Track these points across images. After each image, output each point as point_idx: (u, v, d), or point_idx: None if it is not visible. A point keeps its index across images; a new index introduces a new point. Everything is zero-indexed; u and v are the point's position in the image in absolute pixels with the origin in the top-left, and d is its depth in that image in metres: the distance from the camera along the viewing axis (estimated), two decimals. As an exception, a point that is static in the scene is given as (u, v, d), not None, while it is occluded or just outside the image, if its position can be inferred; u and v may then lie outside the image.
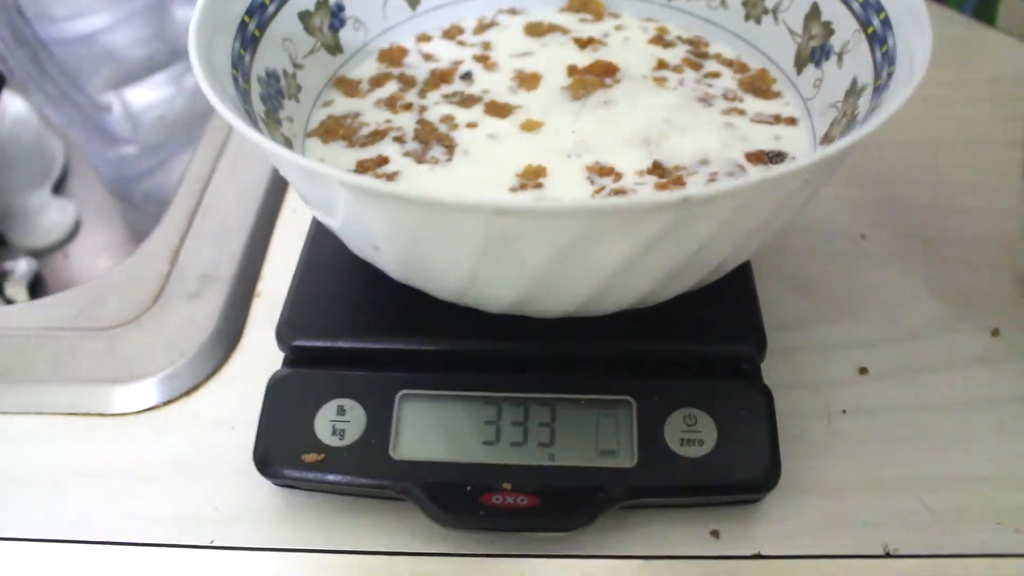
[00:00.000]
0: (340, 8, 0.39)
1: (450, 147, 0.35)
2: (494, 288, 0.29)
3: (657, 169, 0.34)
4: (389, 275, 0.32)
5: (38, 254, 0.66)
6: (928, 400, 0.36)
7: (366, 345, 0.35)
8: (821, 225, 0.43)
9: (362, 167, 0.35)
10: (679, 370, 0.34)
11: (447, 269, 0.29)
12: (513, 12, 0.42)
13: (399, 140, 0.36)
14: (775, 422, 0.33)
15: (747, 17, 0.39)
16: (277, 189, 0.47)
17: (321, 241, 0.38)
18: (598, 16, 0.42)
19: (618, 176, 0.34)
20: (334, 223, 0.31)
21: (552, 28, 0.41)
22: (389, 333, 0.35)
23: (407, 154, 0.35)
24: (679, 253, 0.27)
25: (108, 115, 0.59)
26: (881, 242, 0.42)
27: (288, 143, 0.35)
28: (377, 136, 0.36)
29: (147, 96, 0.64)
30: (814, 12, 0.36)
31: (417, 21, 0.42)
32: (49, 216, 0.67)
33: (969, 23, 0.56)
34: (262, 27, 0.35)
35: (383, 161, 0.35)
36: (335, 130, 0.37)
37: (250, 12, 0.35)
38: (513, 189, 0.33)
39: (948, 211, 0.44)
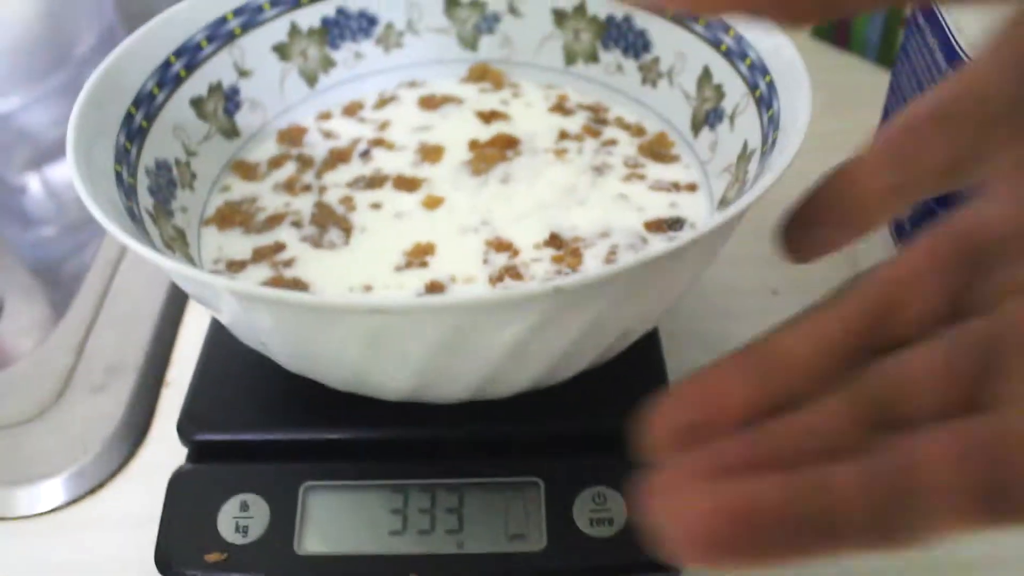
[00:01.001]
0: (235, 92, 0.39)
1: (347, 229, 0.35)
2: (384, 379, 0.29)
3: (555, 241, 0.34)
4: (283, 367, 0.31)
5: (-40, 339, 0.65)
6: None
7: (269, 437, 0.34)
8: (732, 283, 0.43)
9: (259, 255, 0.35)
10: (587, 448, 0.33)
11: (334, 363, 0.28)
12: (413, 85, 0.42)
13: (296, 224, 0.36)
14: (684, 495, 0.32)
15: (644, 81, 0.39)
16: (188, 271, 0.46)
17: (222, 331, 0.37)
18: (498, 85, 0.42)
19: (515, 252, 0.33)
20: (221, 319, 0.30)
21: (452, 100, 0.41)
22: (292, 424, 0.34)
23: (304, 239, 0.35)
24: (565, 337, 0.27)
25: (23, 197, 0.58)
26: (794, 298, 0.42)
27: (181, 234, 0.34)
28: (274, 221, 0.36)
29: (68, 174, 0.63)
30: (706, 75, 0.36)
31: (317, 99, 0.41)
32: (-29, 299, 0.66)
33: (872, 69, 0.57)
34: (150, 117, 0.35)
35: (280, 248, 0.35)
36: (231, 217, 0.36)
37: (137, 103, 0.34)
38: (399, 268, 0.33)
39: (859, 263, 0.44)
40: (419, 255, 0.33)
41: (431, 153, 0.38)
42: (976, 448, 0.17)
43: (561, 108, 0.40)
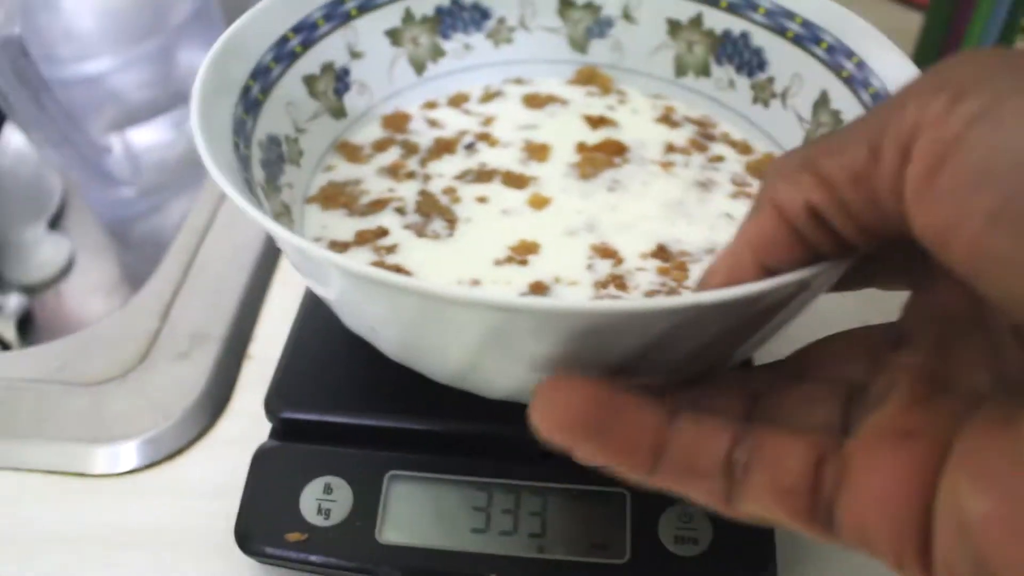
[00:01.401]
0: (346, 72, 0.39)
1: (451, 221, 0.35)
2: (494, 376, 0.28)
3: (661, 253, 0.33)
4: (387, 355, 0.31)
5: (30, 290, 0.65)
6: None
7: (357, 421, 0.34)
8: (826, 315, 0.42)
9: (361, 238, 0.34)
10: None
11: (445, 356, 0.28)
12: (519, 82, 0.42)
13: (400, 211, 0.36)
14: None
15: (755, 100, 0.39)
16: (274, 246, 0.46)
17: (315, 309, 0.37)
18: (605, 90, 0.41)
19: (619, 260, 0.33)
20: (330, 299, 0.30)
21: (558, 100, 0.41)
22: (381, 410, 0.34)
23: (407, 226, 0.35)
24: (673, 354, 0.26)
25: (108, 156, 0.59)
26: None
27: (287, 210, 0.34)
28: (378, 206, 0.36)
29: (149, 138, 0.63)
30: (823, 99, 0.36)
31: (423, 87, 0.41)
32: (43, 252, 0.67)
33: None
34: (266, 91, 0.35)
35: (383, 233, 0.35)
36: (335, 197, 0.36)
37: (254, 75, 0.34)
38: (499, 262, 0.33)
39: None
40: (523, 252, 0.33)
41: (537, 151, 0.38)
42: (813, 461, 0.22)
43: (668, 120, 0.40)
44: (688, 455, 0.23)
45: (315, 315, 0.37)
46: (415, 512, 0.32)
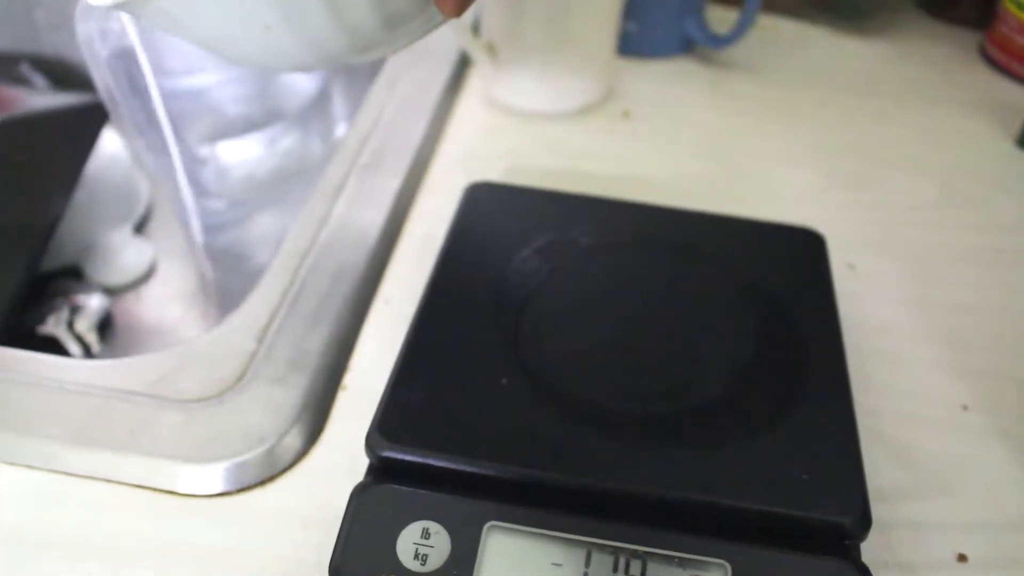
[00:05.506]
0: None
1: None
2: None
3: None
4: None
5: (111, 292, 0.67)
6: (1029, 599, 0.35)
7: (459, 467, 0.34)
8: (922, 390, 0.42)
9: None
10: (777, 538, 0.32)
11: None
12: None
13: None
14: (874, 609, 0.31)
15: None
16: (372, 275, 0.46)
17: (420, 347, 0.37)
18: None
19: None
20: None
21: None
22: (484, 456, 0.34)
23: None
24: None
25: (202, 167, 0.60)
26: (984, 416, 0.41)
27: None
28: None
29: (239, 153, 0.64)
30: None
31: None
32: (127, 254, 0.68)
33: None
34: None
35: None
36: None
37: None
38: None
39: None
40: None
41: None
42: None
43: None
44: None
45: (420, 353, 0.37)
46: (511, 566, 0.32)
